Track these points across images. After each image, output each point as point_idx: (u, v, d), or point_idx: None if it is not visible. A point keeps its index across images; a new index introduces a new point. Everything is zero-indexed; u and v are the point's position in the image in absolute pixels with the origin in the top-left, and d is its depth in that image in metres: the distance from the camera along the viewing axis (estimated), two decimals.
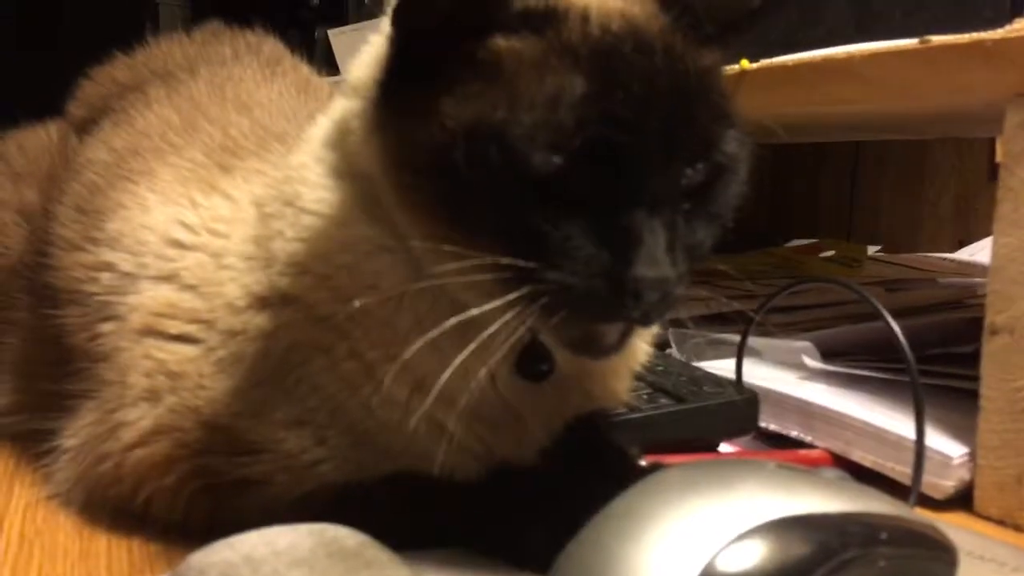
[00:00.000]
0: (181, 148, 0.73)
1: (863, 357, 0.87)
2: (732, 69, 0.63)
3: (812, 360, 0.88)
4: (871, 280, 1.23)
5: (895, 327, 0.70)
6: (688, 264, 0.51)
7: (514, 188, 0.48)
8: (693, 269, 0.52)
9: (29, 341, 0.78)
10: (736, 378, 0.84)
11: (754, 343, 0.91)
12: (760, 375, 0.88)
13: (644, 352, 0.69)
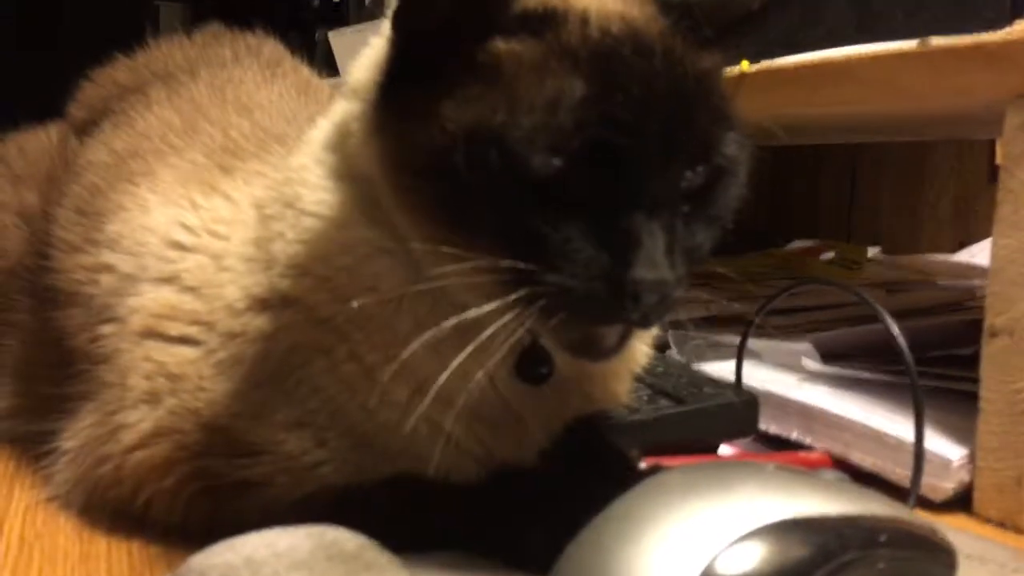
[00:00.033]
0: (182, 150, 0.73)
1: (863, 359, 0.87)
2: (732, 70, 0.63)
3: (812, 362, 0.88)
4: (871, 282, 1.23)
5: (894, 329, 0.70)
6: (687, 266, 0.51)
7: (514, 190, 0.48)
8: (692, 271, 0.53)
9: (29, 344, 0.78)
10: (736, 380, 0.84)
11: (754, 345, 0.91)
12: (760, 377, 0.88)
13: (644, 354, 0.69)
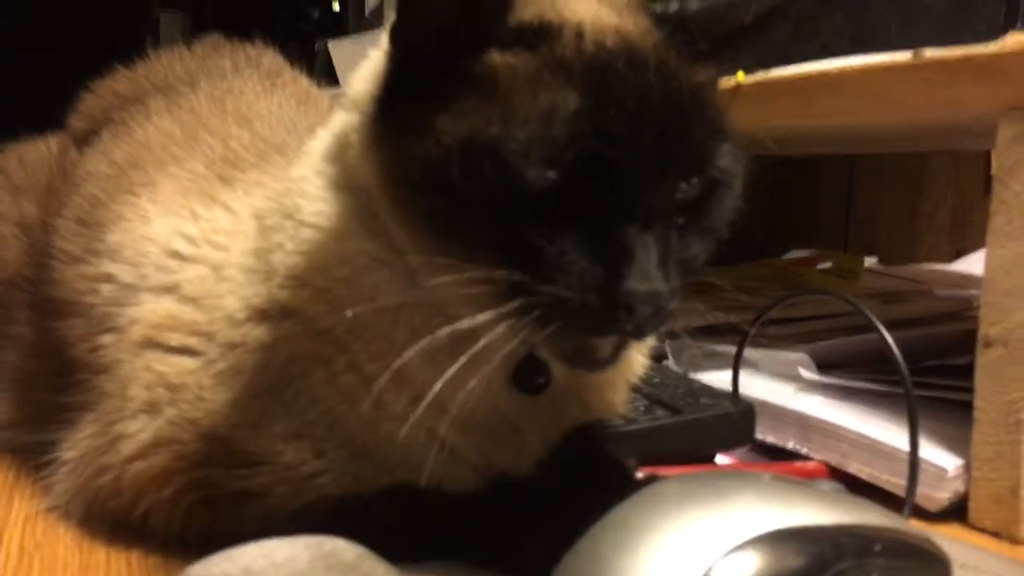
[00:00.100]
0: (182, 160, 0.74)
1: (859, 369, 0.87)
2: (728, 82, 0.63)
3: (808, 372, 0.88)
4: (868, 292, 1.24)
5: (889, 339, 0.71)
6: (681, 278, 0.51)
7: (509, 203, 0.48)
8: (687, 282, 0.53)
9: (28, 354, 0.78)
10: (732, 390, 0.85)
11: (750, 355, 0.91)
12: (756, 387, 0.88)
13: (641, 364, 0.69)
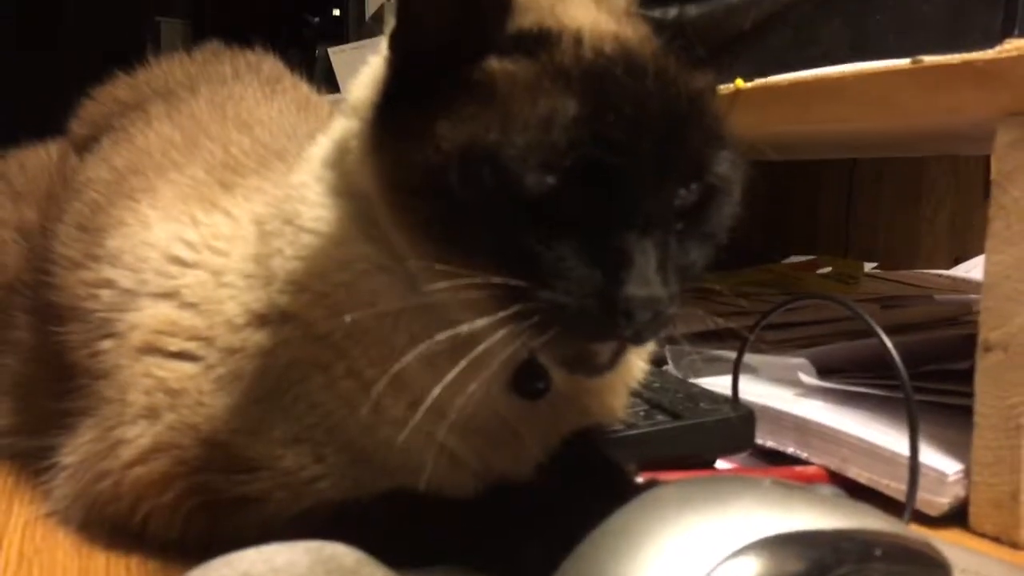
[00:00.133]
0: (182, 166, 0.74)
1: (859, 374, 0.87)
2: (727, 88, 0.64)
3: (808, 377, 0.88)
4: (867, 297, 1.24)
5: (888, 344, 0.71)
6: (680, 283, 0.51)
7: (507, 209, 0.48)
8: (686, 288, 0.53)
9: (28, 359, 0.78)
10: (732, 395, 0.85)
11: (750, 360, 0.91)
12: (756, 392, 0.88)
13: (640, 369, 0.69)
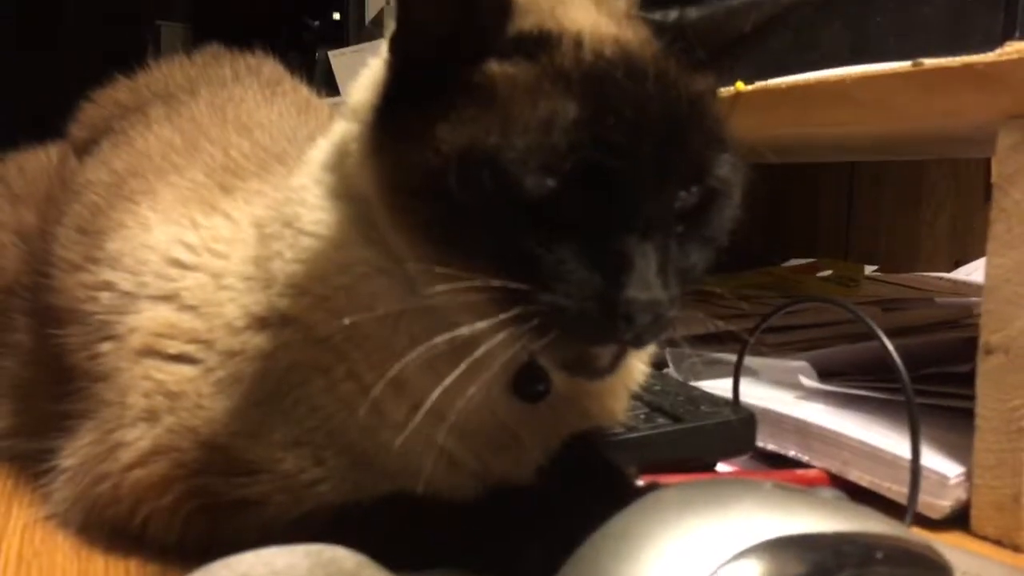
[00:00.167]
0: (182, 168, 0.74)
1: (860, 377, 0.87)
2: (728, 91, 0.64)
3: (809, 380, 0.88)
4: (868, 300, 1.24)
5: (890, 347, 0.70)
6: (680, 287, 0.51)
7: (507, 212, 0.48)
8: (687, 291, 0.53)
9: (27, 362, 0.78)
10: (733, 398, 0.85)
11: (751, 363, 0.91)
12: (757, 395, 0.88)
13: (641, 372, 0.69)
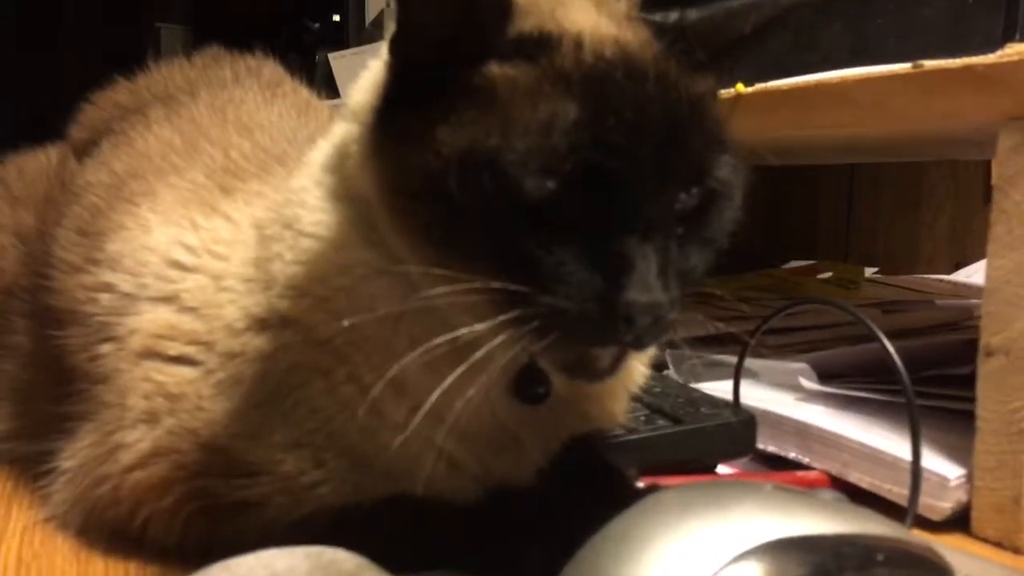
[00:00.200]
0: (182, 169, 0.74)
1: (860, 379, 0.87)
2: (728, 93, 0.64)
3: (809, 382, 0.88)
4: (868, 302, 1.24)
5: (890, 348, 0.70)
6: (681, 288, 0.51)
7: (507, 213, 0.48)
8: (687, 293, 0.53)
9: (26, 364, 0.78)
10: (733, 399, 0.85)
11: (751, 364, 0.91)
12: (757, 396, 0.88)
13: (641, 374, 0.69)
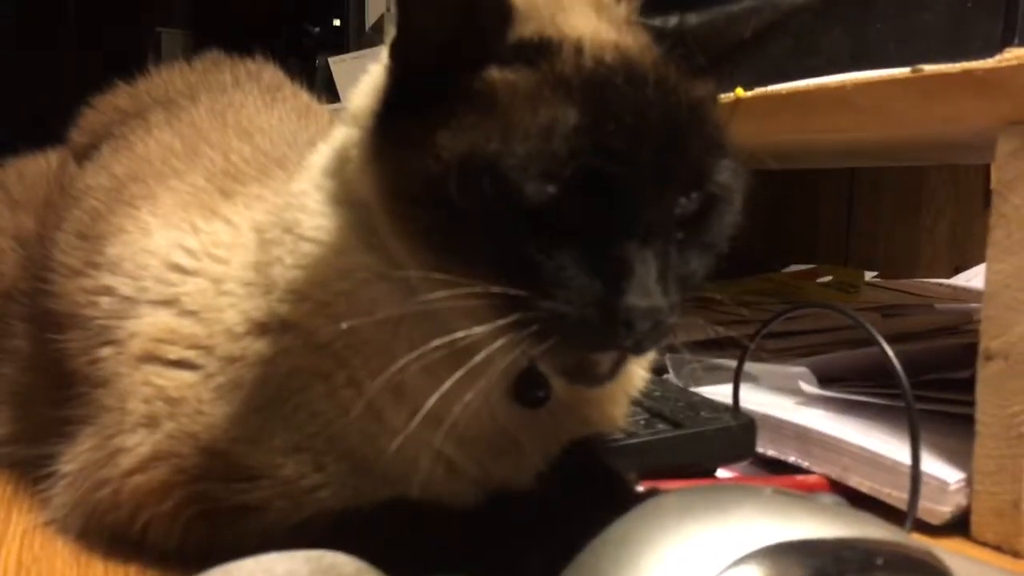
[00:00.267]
0: (182, 173, 0.74)
1: (860, 383, 0.87)
2: (728, 97, 0.64)
3: (809, 386, 0.88)
4: (868, 306, 1.24)
5: (890, 352, 0.70)
6: (681, 293, 0.51)
7: (507, 218, 0.48)
8: (687, 297, 0.53)
9: (26, 368, 0.78)
10: (733, 404, 0.85)
11: (751, 369, 0.91)
12: (757, 400, 0.88)
13: (641, 378, 0.69)
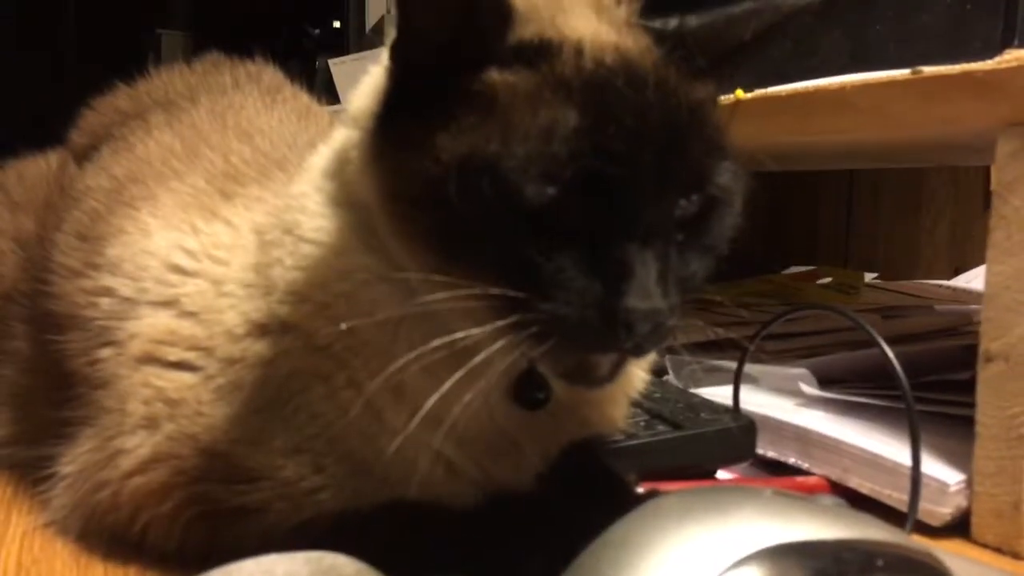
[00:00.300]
0: (183, 174, 0.74)
1: (860, 384, 0.87)
2: (728, 99, 0.64)
3: (809, 387, 0.88)
4: (868, 307, 1.24)
5: (890, 354, 0.70)
6: (681, 295, 0.51)
7: (507, 220, 0.48)
8: (687, 299, 0.53)
9: (25, 369, 0.78)
10: (733, 405, 0.85)
11: (751, 370, 0.91)
12: (757, 402, 0.88)
13: (641, 379, 0.69)
